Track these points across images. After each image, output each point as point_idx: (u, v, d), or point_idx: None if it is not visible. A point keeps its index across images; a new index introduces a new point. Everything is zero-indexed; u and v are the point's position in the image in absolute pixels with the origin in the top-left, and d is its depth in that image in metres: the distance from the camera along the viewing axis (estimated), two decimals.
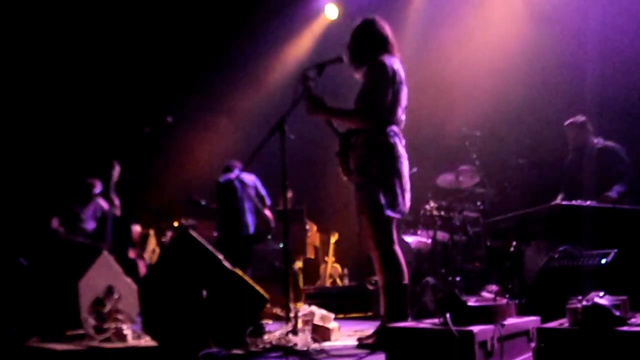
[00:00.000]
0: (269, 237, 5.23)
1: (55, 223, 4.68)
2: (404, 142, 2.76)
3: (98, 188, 4.92)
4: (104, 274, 3.28)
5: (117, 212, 4.77)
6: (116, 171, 4.69)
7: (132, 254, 4.73)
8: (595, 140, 4.01)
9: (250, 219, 4.92)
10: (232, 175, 4.96)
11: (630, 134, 4.29)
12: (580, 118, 4.05)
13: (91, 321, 3.06)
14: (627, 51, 4.61)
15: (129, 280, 3.47)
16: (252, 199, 4.97)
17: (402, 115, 2.77)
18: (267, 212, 5.05)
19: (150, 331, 2.76)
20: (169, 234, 5.34)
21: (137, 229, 4.88)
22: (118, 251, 4.59)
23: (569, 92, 4.88)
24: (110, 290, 3.14)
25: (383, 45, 2.77)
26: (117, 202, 4.75)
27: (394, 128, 2.71)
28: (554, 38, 5.05)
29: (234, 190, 4.89)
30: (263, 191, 5.08)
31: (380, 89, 2.65)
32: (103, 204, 4.90)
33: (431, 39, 5.54)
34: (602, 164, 3.89)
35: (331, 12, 6.30)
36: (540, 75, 5.16)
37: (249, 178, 5.04)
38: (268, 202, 5.10)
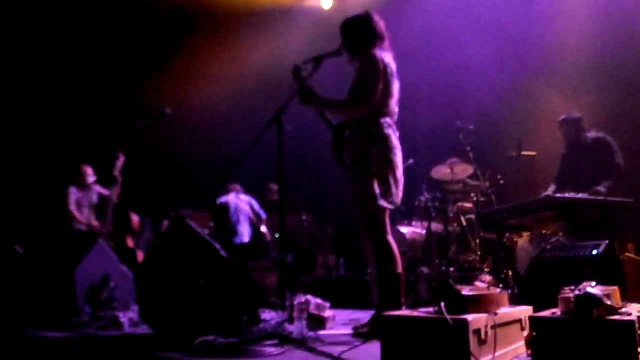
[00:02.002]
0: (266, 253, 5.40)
1: (75, 211, 4.68)
2: (397, 134, 2.78)
3: (93, 175, 4.91)
4: (100, 262, 3.28)
5: (116, 194, 4.71)
6: (120, 161, 4.67)
7: (130, 243, 4.72)
8: (589, 134, 4.05)
9: (244, 229, 5.06)
10: (229, 197, 5.25)
11: (626, 126, 4.33)
12: (575, 115, 4.09)
13: (87, 309, 3.07)
14: (624, 43, 4.63)
15: (125, 268, 3.48)
16: (248, 213, 5.23)
17: (395, 107, 2.79)
18: (263, 228, 5.20)
19: (147, 319, 2.78)
20: (165, 223, 5.34)
21: (136, 217, 4.87)
22: (117, 240, 4.58)
23: (565, 85, 4.91)
24: (106, 279, 3.14)
25: (376, 39, 2.78)
26: (118, 187, 4.71)
27: (388, 120, 2.73)
28: (550, 30, 5.06)
29: (229, 208, 5.15)
30: (257, 208, 5.34)
31: (371, 81, 2.67)
32: (101, 190, 4.88)
33: (426, 33, 5.53)
34: (596, 156, 3.94)
35: (326, 2, 6.26)
36: (535, 68, 5.18)
37: (245, 198, 5.33)
38: (264, 216, 5.28)
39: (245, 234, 5.11)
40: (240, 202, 5.26)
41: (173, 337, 2.48)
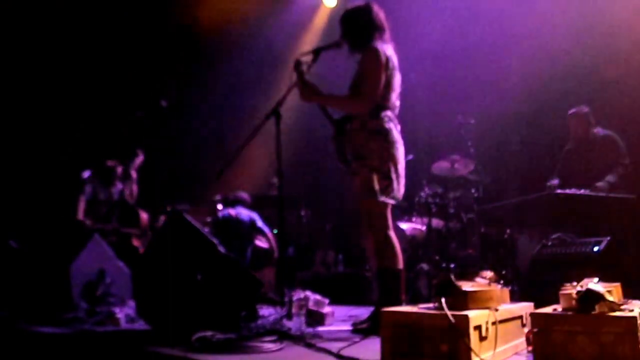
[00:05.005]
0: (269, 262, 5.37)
1: (81, 213, 4.54)
2: (399, 127, 2.76)
3: (120, 172, 4.79)
4: (96, 258, 3.26)
5: (135, 187, 4.62)
6: (139, 159, 4.59)
7: (136, 241, 4.65)
8: (596, 130, 4.02)
9: (242, 253, 5.03)
10: (232, 213, 5.16)
11: (626, 123, 4.30)
12: (584, 109, 4.07)
13: (83, 305, 3.05)
14: (625, 40, 4.60)
15: (121, 263, 3.45)
16: (246, 235, 5.15)
17: (396, 100, 2.77)
18: (264, 243, 5.19)
19: (144, 315, 2.75)
20: (162, 218, 5.30)
21: (144, 215, 4.77)
22: (122, 237, 4.53)
23: (564, 81, 4.88)
24: (102, 274, 3.12)
25: (376, 31, 2.75)
26: (135, 188, 4.64)
27: (389, 113, 2.71)
28: (550, 27, 5.02)
29: (228, 229, 5.08)
30: (260, 224, 5.24)
31: (374, 75, 2.65)
32: (122, 186, 4.75)
33: (427, 28, 5.49)
34: (602, 153, 3.92)
35: (329, 0, 6.18)
36: (536, 63, 5.14)
37: (246, 214, 5.22)
38: (268, 232, 5.26)
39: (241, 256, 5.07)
40: (240, 223, 5.12)
41: (170, 332, 2.46)
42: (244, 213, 5.20)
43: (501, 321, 1.88)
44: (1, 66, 5.34)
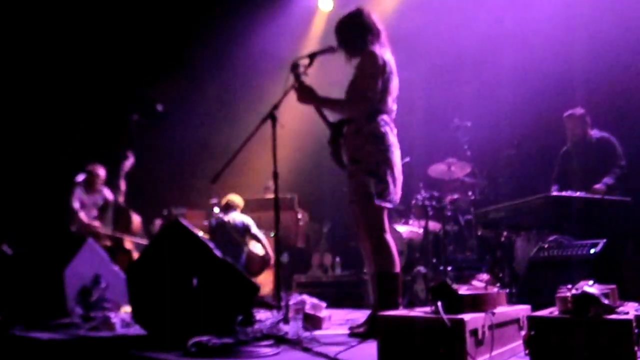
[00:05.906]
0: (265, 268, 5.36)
1: (85, 218, 4.50)
2: (395, 131, 2.76)
3: (103, 176, 4.78)
4: (90, 262, 3.24)
5: (121, 198, 4.64)
6: (129, 162, 4.59)
7: (128, 244, 4.63)
8: (592, 132, 4.04)
9: (236, 259, 5.03)
10: (225, 218, 5.14)
11: (620, 125, 4.32)
12: (579, 110, 4.09)
13: (78, 310, 3.03)
14: (618, 42, 4.62)
15: (116, 268, 3.44)
16: (240, 240, 5.13)
17: (393, 104, 2.77)
18: (260, 249, 5.19)
19: (139, 320, 2.74)
20: (158, 222, 5.29)
21: (137, 218, 4.75)
22: (115, 240, 4.51)
23: (560, 83, 4.89)
24: (97, 279, 3.10)
25: (371, 35, 2.75)
26: (123, 186, 4.63)
27: (385, 117, 2.71)
28: (546, 29, 5.05)
29: (222, 234, 5.08)
30: (254, 229, 5.23)
31: (371, 79, 2.65)
32: (107, 193, 4.76)
33: (422, 30, 5.51)
34: (599, 155, 3.93)
35: (325, 4, 6.18)
36: (532, 66, 5.16)
37: (239, 220, 5.20)
38: (262, 239, 5.24)
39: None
40: (235, 228, 5.12)
41: (166, 337, 2.45)
42: (237, 218, 5.18)
43: (498, 325, 1.87)
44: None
